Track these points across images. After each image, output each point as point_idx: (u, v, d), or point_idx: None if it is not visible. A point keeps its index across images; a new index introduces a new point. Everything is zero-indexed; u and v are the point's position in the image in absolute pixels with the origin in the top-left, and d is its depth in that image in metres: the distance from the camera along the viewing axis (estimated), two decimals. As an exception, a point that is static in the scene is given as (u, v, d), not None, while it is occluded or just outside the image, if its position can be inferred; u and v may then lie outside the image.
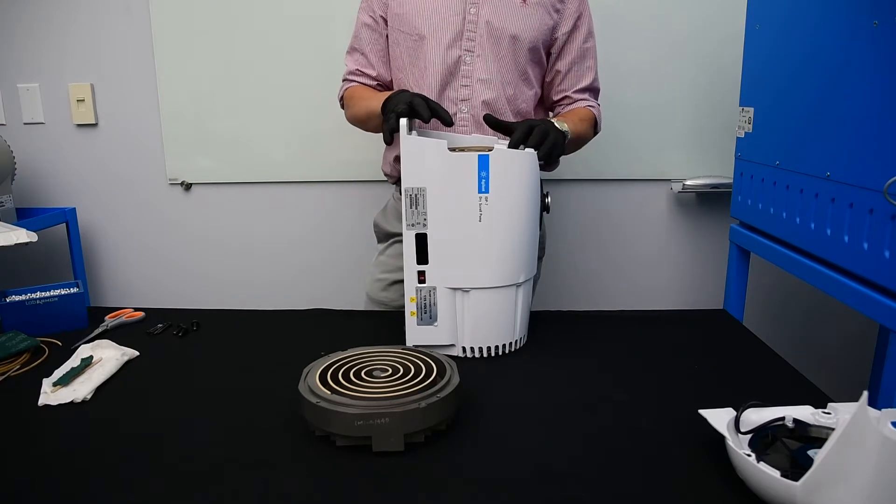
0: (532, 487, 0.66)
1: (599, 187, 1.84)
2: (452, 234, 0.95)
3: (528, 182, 0.97)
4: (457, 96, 1.23)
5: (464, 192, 0.93)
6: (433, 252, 0.96)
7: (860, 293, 0.98)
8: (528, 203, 0.98)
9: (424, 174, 0.93)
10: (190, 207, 1.94)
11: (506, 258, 0.97)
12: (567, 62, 1.28)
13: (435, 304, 0.97)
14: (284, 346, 1.05)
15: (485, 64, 1.22)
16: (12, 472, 0.70)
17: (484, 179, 0.92)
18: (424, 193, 0.93)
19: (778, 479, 0.59)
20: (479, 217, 0.93)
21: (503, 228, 0.96)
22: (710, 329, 1.14)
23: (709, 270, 1.85)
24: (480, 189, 0.93)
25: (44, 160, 1.92)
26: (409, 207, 0.94)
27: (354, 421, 0.70)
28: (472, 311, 0.97)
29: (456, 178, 0.93)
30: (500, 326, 0.99)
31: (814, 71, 1.10)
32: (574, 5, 1.25)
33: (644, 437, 0.76)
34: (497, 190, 0.93)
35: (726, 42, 1.63)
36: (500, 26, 1.20)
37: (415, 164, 0.93)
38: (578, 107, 1.30)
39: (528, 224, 0.99)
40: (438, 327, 0.98)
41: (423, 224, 0.95)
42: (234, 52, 1.80)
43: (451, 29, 1.20)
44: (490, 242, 0.95)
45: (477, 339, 0.99)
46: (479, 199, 0.93)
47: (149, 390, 0.90)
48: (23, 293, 1.09)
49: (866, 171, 0.96)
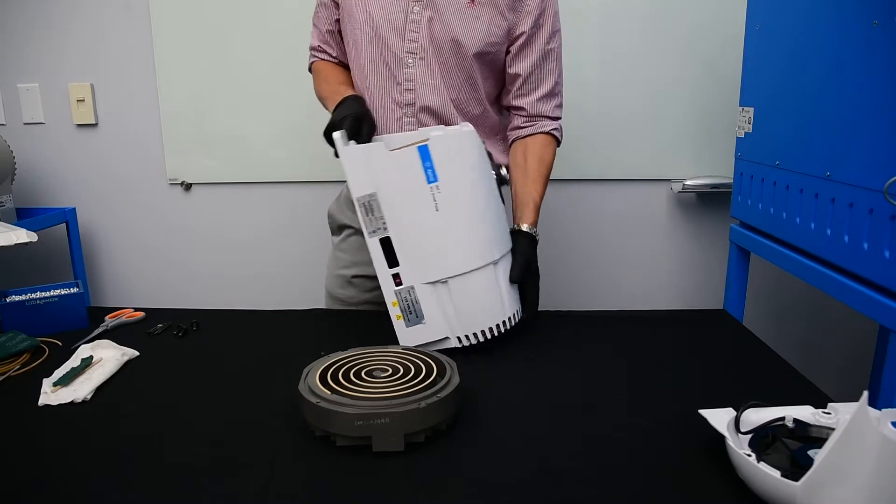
0: (532, 487, 0.66)
1: (599, 187, 1.84)
2: (414, 230, 0.94)
3: (474, 162, 0.97)
4: (401, 100, 1.16)
5: (414, 187, 0.93)
6: (401, 252, 0.95)
7: (860, 293, 0.98)
8: (480, 181, 0.97)
9: (371, 180, 0.93)
10: (190, 207, 1.94)
11: (473, 240, 0.96)
12: (527, 65, 1.16)
13: (418, 303, 0.96)
14: (284, 346, 1.05)
15: (428, 67, 1.14)
16: (12, 472, 0.70)
17: (429, 169, 0.92)
18: (376, 198, 0.93)
19: (778, 479, 0.59)
20: (436, 207, 0.93)
21: (463, 212, 0.95)
22: (710, 329, 1.14)
23: (709, 270, 1.85)
24: (429, 180, 0.92)
25: (44, 160, 1.92)
26: (366, 216, 0.94)
27: (354, 421, 0.70)
28: (457, 300, 0.96)
29: (403, 176, 0.93)
30: (488, 308, 0.98)
31: (814, 71, 1.10)
32: (534, 2, 1.12)
33: (644, 437, 0.76)
34: (445, 176, 0.92)
35: (726, 42, 1.63)
36: (441, 29, 1.11)
37: (359, 174, 0.93)
38: (537, 137, 1.20)
39: (487, 202, 0.98)
40: (427, 324, 0.97)
41: (383, 228, 0.94)
42: (234, 52, 1.80)
43: (394, 28, 1.13)
44: (453, 229, 0.95)
45: (469, 326, 0.97)
46: (430, 189, 0.92)
47: (149, 390, 0.90)
48: (23, 293, 1.09)
49: (866, 171, 0.96)
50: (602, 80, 1.75)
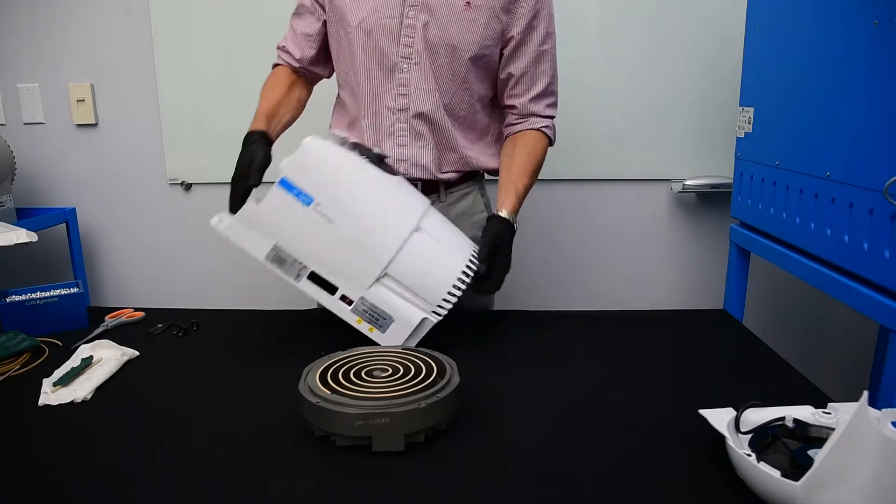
0: (532, 487, 0.66)
1: (599, 187, 1.83)
2: (327, 250, 0.95)
3: (332, 161, 0.96)
4: (395, 105, 1.14)
5: (299, 218, 0.93)
6: (331, 276, 0.96)
7: (860, 293, 0.98)
8: (351, 171, 0.97)
9: (263, 238, 0.95)
10: (190, 207, 1.94)
11: (381, 223, 0.96)
12: (521, 66, 1.15)
13: (377, 307, 0.96)
14: (284, 346, 1.05)
15: (422, 72, 1.12)
16: (12, 472, 0.70)
17: (300, 195, 0.93)
18: (278, 248, 0.95)
19: (778, 479, 0.59)
20: (329, 220, 0.93)
21: (355, 208, 0.95)
22: (710, 329, 1.14)
23: (709, 270, 1.85)
24: (306, 203, 0.93)
25: (44, 160, 1.92)
26: (281, 268, 0.96)
27: (354, 421, 0.70)
28: (407, 282, 0.95)
29: (284, 216, 0.94)
30: (439, 270, 0.97)
31: (814, 71, 1.10)
32: (529, 4, 1.11)
33: (644, 437, 0.76)
34: (316, 191, 0.93)
35: (726, 42, 1.63)
36: (437, 33, 1.10)
37: (250, 241, 0.95)
38: (527, 132, 1.19)
39: (372, 184, 0.98)
40: (399, 319, 0.96)
41: (303, 267, 0.95)
42: (234, 52, 1.80)
43: (389, 32, 1.10)
44: (357, 227, 0.94)
45: (434, 296, 0.96)
46: (313, 210, 0.93)
47: (149, 390, 0.90)
48: (23, 293, 1.09)
49: (866, 171, 0.96)
50: (602, 81, 1.75)
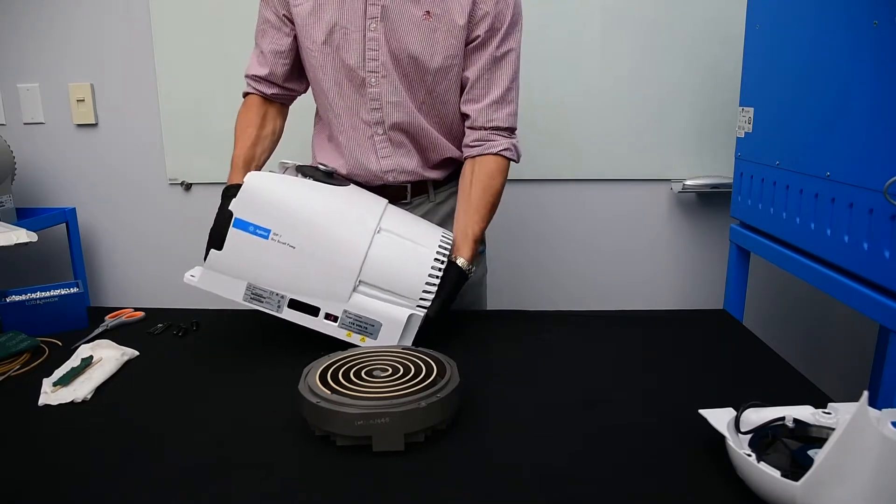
0: (532, 487, 0.66)
1: (599, 187, 1.84)
2: (298, 275, 0.95)
3: (278, 191, 0.96)
4: (370, 118, 1.13)
5: (262, 253, 0.94)
6: (309, 298, 0.96)
7: (860, 293, 0.98)
8: (300, 197, 0.97)
9: (235, 282, 0.96)
10: (190, 207, 1.94)
11: (343, 234, 0.96)
12: (477, 68, 1.11)
13: (361, 317, 0.96)
14: (284, 346, 1.05)
15: (392, 86, 1.10)
16: (12, 472, 0.70)
17: (256, 230, 0.94)
18: (253, 286, 0.96)
19: (778, 479, 0.59)
20: (290, 246, 0.94)
21: (312, 228, 0.95)
22: (710, 329, 1.14)
23: (709, 270, 1.85)
24: (265, 236, 0.94)
25: (44, 160, 1.92)
26: (262, 303, 0.96)
27: (354, 421, 0.70)
28: (383, 284, 0.96)
29: (247, 256, 0.94)
30: (412, 264, 0.97)
31: (814, 71, 1.10)
32: (488, 4, 1.06)
33: (644, 437, 0.76)
34: (271, 223, 0.94)
35: (726, 42, 1.63)
36: (398, 46, 1.07)
37: (225, 287, 0.97)
38: (486, 158, 1.13)
39: (324, 200, 0.98)
40: (387, 323, 0.96)
41: (280, 297, 0.96)
42: (234, 52, 1.80)
43: (353, 47, 1.08)
44: (320, 244, 0.95)
45: (414, 291, 0.96)
46: (273, 241, 0.93)
47: (149, 390, 0.90)
48: (23, 293, 1.09)
49: (866, 171, 0.96)
50: (602, 81, 1.75)
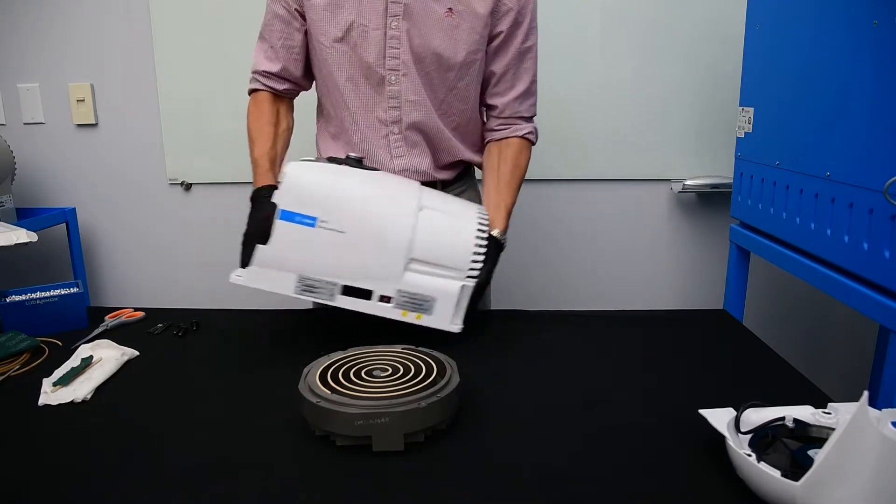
0: (532, 487, 0.66)
1: (599, 187, 1.84)
2: (349, 261, 0.94)
3: (320, 178, 0.95)
4: (387, 118, 1.12)
5: (312, 241, 0.93)
6: (362, 282, 0.96)
7: (860, 293, 0.98)
8: (342, 181, 0.96)
9: (287, 275, 0.95)
10: (190, 207, 1.94)
11: (387, 214, 0.95)
12: (503, 64, 1.13)
13: (415, 295, 0.96)
14: (284, 346, 1.05)
15: (412, 84, 1.10)
16: (12, 472, 0.70)
17: (303, 220, 0.92)
18: (304, 276, 0.94)
19: (778, 479, 0.59)
20: (339, 230, 0.93)
21: (358, 211, 0.94)
22: (710, 329, 1.14)
23: (709, 270, 1.85)
24: (312, 224, 0.92)
25: (44, 160, 1.92)
26: (314, 293, 0.95)
27: (354, 421, 0.70)
28: (433, 259, 0.95)
29: (297, 246, 0.93)
30: (457, 236, 0.97)
31: (814, 71, 1.10)
32: (512, 1, 1.08)
33: (644, 437, 0.76)
34: (316, 210, 0.93)
35: (726, 42, 1.63)
36: (421, 43, 1.07)
37: (275, 281, 0.95)
38: (511, 140, 1.18)
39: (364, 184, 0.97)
40: (440, 297, 0.96)
41: (332, 285, 0.95)
42: (234, 52, 1.80)
43: (373, 45, 1.07)
44: (367, 228, 0.94)
45: (462, 263, 0.96)
46: (320, 229, 0.92)
47: (149, 390, 0.90)
48: (23, 293, 1.09)
49: (866, 171, 0.96)
50: (602, 81, 1.75)
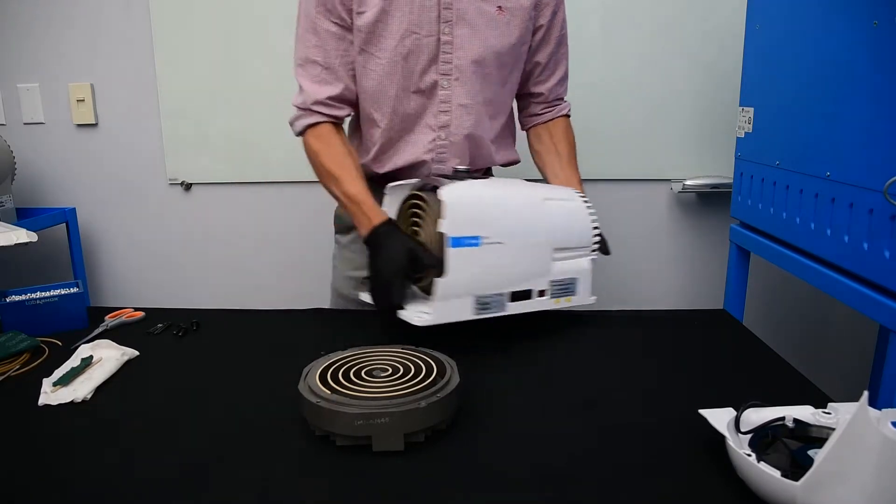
0: (532, 487, 0.66)
1: (599, 187, 1.83)
2: (513, 268, 0.98)
3: (473, 198, 0.95)
4: (435, 122, 1.12)
5: (481, 259, 0.93)
6: (523, 286, 1.00)
7: (860, 293, 0.98)
8: (488, 195, 0.98)
9: (463, 296, 0.94)
10: (190, 207, 1.94)
11: (529, 213, 1.00)
12: (547, 52, 1.19)
13: (563, 280, 1.03)
14: (284, 346, 1.05)
15: (464, 87, 1.11)
16: (12, 472, 0.70)
17: (469, 242, 0.92)
18: (478, 296, 0.96)
19: (778, 479, 0.59)
20: (500, 243, 0.94)
21: (511, 219, 0.97)
22: (710, 329, 1.14)
23: (709, 270, 1.85)
24: (477, 244, 0.93)
25: (44, 160, 1.92)
26: (489, 309, 0.97)
27: (354, 421, 0.70)
28: (568, 243, 1.04)
29: (469, 268, 0.93)
30: (578, 215, 1.06)
31: (814, 71, 1.10)
32: None
33: (644, 437, 0.76)
34: (478, 228, 0.93)
35: (726, 42, 1.63)
36: (480, 45, 1.09)
37: (455, 307, 0.94)
38: (558, 121, 1.27)
39: (500, 192, 1.00)
40: (580, 276, 1.05)
41: (501, 296, 0.98)
42: (234, 51, 1.80)
43: (425, 52, 1.07)
44: (520, 232, 0.98)
45: (587, 237, 1.07)
46: (485, 246, 0.93)
47: (149, 390, 0.90)
48: (23, 293, 1.09)
49: (866, 171, 0.96)
50: (602, 81, 1.75)
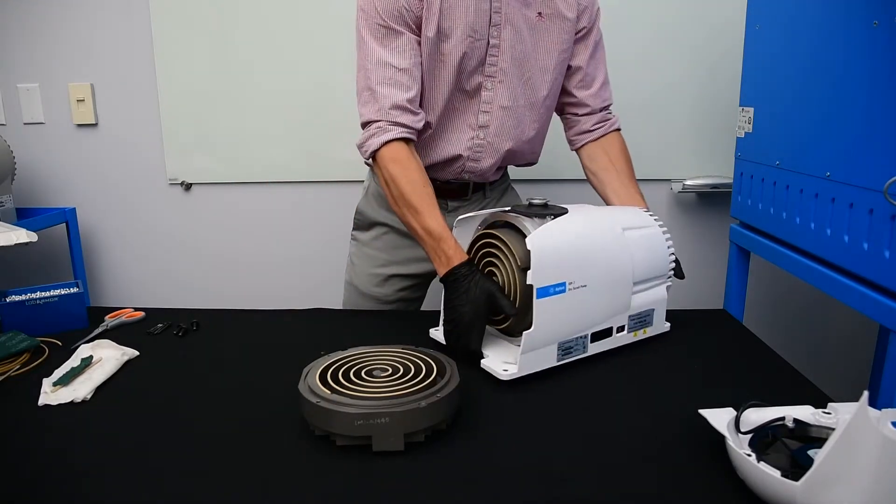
0: (532, 487, 0.66)
1: (599, 187, 1.83)
2: (595, 310, 0.96)
3: (554, 245, 0.90)
4: (476, 122, 1.16)
5: (566, 304, 0.91)
6: (604, 325, 0.98)
7: (860, 293, 0.98)
8: (567, 236, 0.92)
9: (548, 348, 0.92)
10: (190, 207, 1.94)
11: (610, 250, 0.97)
12: (586, 56, 1.20)
13: (641, 312, 1.02)
14: (284, 346, 1.05)
15: (507, 89, 1.14)
16: (12, 472, 0.70)
17: (555, 290, 0.89)
18: (562, 343, 0.93)
19: (778, 479, 0.59)
20: (583, 286, 0.92)
21: (590, 260, 0.94)
22: (710, 329, 1.14)
23: (709, 270, 1.85)
24: (563, 290, 0.90)
25: (44, 160, 1.92)
26: (571, 354, 0.95)
27: (354, 421, 0.70)
28: (647, 275, 1.02)
29: (554, 316, 0.90)
30: (656, 244, 1.04)
31: (814, 71, 1.10)
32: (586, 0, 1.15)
33: (644, 437, 0.76)
34: (562, 275, 0.90)
35: (726, 42, 1.63)
36: (522, 49, 1.12)
37: (538, 357, 0.91)
38: (611, 137, 1.25)
39: (578, 230, 0.95)
40: (657, 307, 1.04)
41: (584, 339, 0.96)
42: (234, 52, 1.80)
43: (476, 54, 1.11)
44: (602, 272, 0.95)
45: (665, 266, 1.05)
46: (570, 291, 0.91)
47: (149, 390, 0.90)
48: (23, 293, 1.09)
49: (866, 171, 0.96)
50: (602, 80, 1.75)
